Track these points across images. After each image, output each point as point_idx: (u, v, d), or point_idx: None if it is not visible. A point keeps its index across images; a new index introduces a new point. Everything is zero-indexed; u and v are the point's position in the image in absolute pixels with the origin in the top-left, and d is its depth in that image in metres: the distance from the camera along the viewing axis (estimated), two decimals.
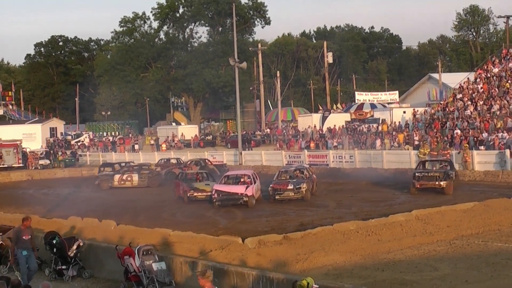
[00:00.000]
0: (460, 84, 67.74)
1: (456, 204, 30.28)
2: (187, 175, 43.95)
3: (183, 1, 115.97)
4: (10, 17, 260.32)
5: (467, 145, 50.30)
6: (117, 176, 52.63)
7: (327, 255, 22.03)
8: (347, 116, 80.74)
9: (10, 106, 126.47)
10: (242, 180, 39.29)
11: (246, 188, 37.74)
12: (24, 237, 21.24)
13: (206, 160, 60.14)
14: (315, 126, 78.32)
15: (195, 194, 39.67)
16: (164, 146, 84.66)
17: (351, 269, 20.92)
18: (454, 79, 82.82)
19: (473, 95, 63.35)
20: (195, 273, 15.52)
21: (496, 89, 61.84)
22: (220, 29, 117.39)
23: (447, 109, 63.56)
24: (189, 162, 58.85)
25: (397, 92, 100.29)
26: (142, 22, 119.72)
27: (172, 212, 36.88)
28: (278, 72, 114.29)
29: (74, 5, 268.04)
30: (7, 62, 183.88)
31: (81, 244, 23.42)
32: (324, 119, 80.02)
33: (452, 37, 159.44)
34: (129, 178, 52.30)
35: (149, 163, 60.63)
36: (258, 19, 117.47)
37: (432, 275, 19.84)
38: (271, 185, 39.68)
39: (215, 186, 38.79)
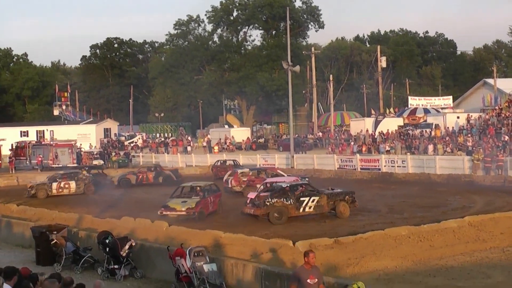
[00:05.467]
0: None
1: (511, 211, 29.91)
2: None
3: (237, 5, 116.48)
4: (66, 20, 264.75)
5: None
6: (55, 184, 50.09)
7: (378, 260, 21.94)
8: (400, 121, 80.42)
9: (65, 107, 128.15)
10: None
11: None
12: (309, 281, 14.85)
13: (158, 167, 58.99)
14: (367, 130, 78.00)
15: (165, 212, 34.69)
16: (216, 148, 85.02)
17: (402, 275, 20.81)
18: (509, 84, 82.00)
19: None
20: None
21: None
22: (273, 32, 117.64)
23: (502, 115, 62.85)
24: (142, 168, 57.91)
25: (451, 97, 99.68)
26: (196, 25, 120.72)
27: (224, 214, 36.94)
28: (331, 76, 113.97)
29: (129, 8, 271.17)
30: (63, 64, 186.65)
31: (133, 244, 23.65)
32: (377, 123, 79.72)
33: (508, 42, 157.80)
34: (66, 186, 50.15)
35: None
36: (312, 23, 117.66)
37: (485, 283, 19.66)
38: None
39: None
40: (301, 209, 33.36)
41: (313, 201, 33.54)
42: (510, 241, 25.02)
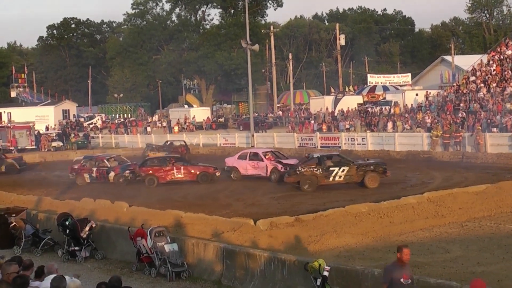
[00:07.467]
0: (473, 67, 67.42)
1: (469, 186, 30.21)
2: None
3: None
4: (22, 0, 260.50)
5: (480, 128, 50.16)
6: None
7: (339, 237, 22.05)
8: (359, 99, 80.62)
9: (22, 89, 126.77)
10: (268, 156, 42.32)
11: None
12: (402, 280, 12.92)
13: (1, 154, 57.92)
14: (327, 109, 78.20)
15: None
16: (176, 128, 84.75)
17: (362, 251, 20.95)
18: (467, 61, 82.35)
19: (486, 77, 63.05)
20: None
21: (509, 71, 61.47)
22: (232, 11, 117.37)
23: (459, 92, 63.32)
24: None
25: (409, 74, 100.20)
26: (154, 4, 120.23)
27: (183, 194, 36.92)
28: (290, 54, 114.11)
29: None
30: (19, 45, 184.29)
31: (94, 225, 23.53)
32: (336, 101, 79.95)
33: (465, 19, 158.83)
34: None
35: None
36: (270, 1, 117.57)
37: (444, 257, 19.85)
38: None
39: (285, 161, 41.11)
40: (331, 178, 35.80)
41: (343, 171, 35.87)
42: (468, 216, 25.29)
